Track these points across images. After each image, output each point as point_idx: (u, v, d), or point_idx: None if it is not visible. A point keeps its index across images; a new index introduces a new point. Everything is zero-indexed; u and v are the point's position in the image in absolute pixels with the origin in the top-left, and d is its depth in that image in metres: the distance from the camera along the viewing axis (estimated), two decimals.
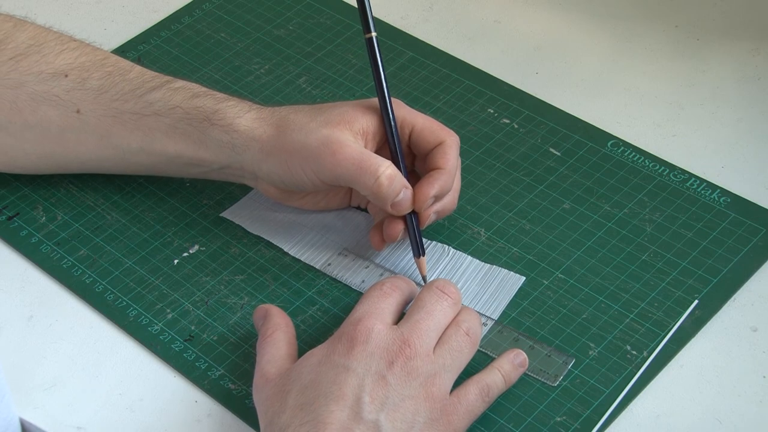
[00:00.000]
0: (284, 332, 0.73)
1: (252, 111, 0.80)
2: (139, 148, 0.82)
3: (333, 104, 0.80)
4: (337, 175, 0.76)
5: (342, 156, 0.76)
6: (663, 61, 0.96)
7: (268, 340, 0.73)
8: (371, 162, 0.76)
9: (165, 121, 0.80)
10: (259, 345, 0.73)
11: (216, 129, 0.79)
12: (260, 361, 0.72)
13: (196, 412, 0.74)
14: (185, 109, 0.80)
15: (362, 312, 0.70)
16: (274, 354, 0.72)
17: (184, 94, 0.81)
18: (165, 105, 0.81)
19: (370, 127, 0.78)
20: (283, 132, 0.78)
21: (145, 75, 0.83)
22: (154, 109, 0.81)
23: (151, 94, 0.81)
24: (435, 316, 0.71)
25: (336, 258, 0.81)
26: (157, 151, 0.81)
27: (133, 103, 0.81)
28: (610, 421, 0.71)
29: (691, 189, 0.84)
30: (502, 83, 0.94)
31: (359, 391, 0.66)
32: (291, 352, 0.72)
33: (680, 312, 0.76)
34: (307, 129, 0.77)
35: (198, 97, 0.81)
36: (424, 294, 0.72)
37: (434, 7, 1.03)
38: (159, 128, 0.81)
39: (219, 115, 0.80)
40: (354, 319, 0.70)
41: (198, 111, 0.80)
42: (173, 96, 0.81)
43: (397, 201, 0.76)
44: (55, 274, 0.82)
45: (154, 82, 0.82)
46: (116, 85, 0.82)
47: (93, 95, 0.82)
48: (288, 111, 0.80)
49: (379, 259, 0.81)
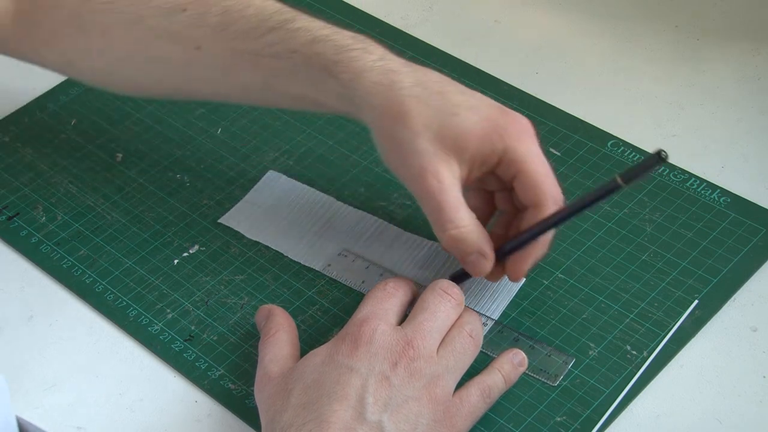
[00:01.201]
0: (287, 332, 0.73)
1: (375, 69, 0.74)
2: (260, 87, 0.79)
3: (468, 103, 0.73)
4: (421, 201, 0.73)
5: (428, 191, 0.72)
6: (663, 61, 0.96)
7: (271, 340, 0.73)
8: (448, 216, 0.72)
9: (284, 64, 0.76)
10: (262, 344, 0.73)
11: (335, 82, 0.75)
12: (263, 360, 0.72)
13: (196, 412, 0.74)
14: (304, 55, 0.75)
15: (366, 312, 0.70)
16: (276, 353, 0.72)
17: (303, 36, 0.76)
18: (284, 48, 0.76)
19: (481, 154, 0.72)
20: (395, 119, 0.72)
21: (264, 12, 0.78)
22: (272, 51, 0.77)
23: (270, 35, 0.77)
24: (438, 317, 0.71)
25: (336, 259, 0.81)
26: (280, 90, 0.79)
27: (253, 43, 0.77)
28: (610, 421, 0.71)
29: (691, 189, 0.84)
30: (502, 83, 0.94)
31: (362, 392, 0.66)
32: (294, 352, 0.72)
33: (680, 312, 0.76)
34: (416, 137, 0.72)
35: (318, 43, 0.75)
36: (427, 295, 0.72)
37: (434, 7, 1.03)
38: (279, 70, 0.77)
39: (338, 68, 0.74)
40: (358, 319, 0.70)
41: (317, 58, 0.75)
42: (292, 39, 0.76)
43: (469, 261, 0.73)
44: (55, 274, 0.82)
45: (273, 20, 0.77)
46: (235, 22, 0.78)
47: (212, 33, 0.79)
48: (412, 87, 0.73)
49: (380, 260, 0.81)
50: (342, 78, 0.74)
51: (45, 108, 0.96)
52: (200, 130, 0.93)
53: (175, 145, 0.92)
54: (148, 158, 0.91)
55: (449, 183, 0.72)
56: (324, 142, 0.91)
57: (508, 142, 0.72)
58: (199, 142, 0.92)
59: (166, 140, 0.92)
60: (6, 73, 0.99)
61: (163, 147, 0.92)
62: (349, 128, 0.91)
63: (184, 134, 0.93)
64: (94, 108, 0.95)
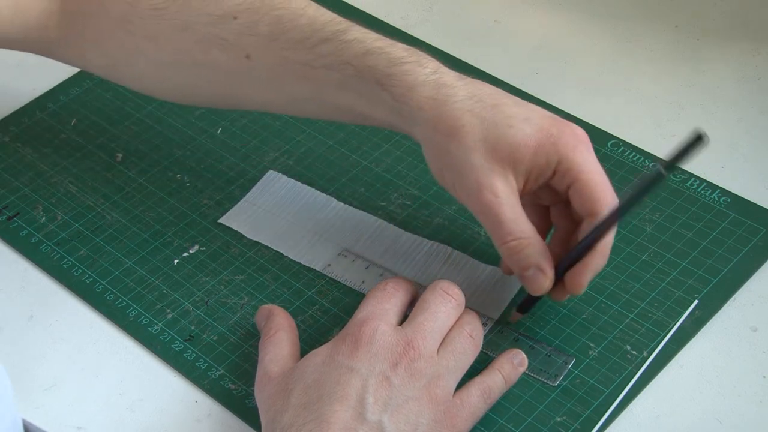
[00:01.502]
0: (287, 332, 0.73)
1: (428, 83, 0.73)
2: (309, 98, 0.78)
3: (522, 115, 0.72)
4: (474, 212, 0.73)
5: (486, 205, 0.71)
6: (663, 61, 0.96)
7: (271, 340, 0.73)
8: (508, 228, 0.71)
9: (335, 75, 0.75)
10: (262, 344, 0.73)
11: (386, 95, 0.74)
12: (263, 360, 0.72)
13: (196, 412, 0.74)
14: (356, 67, 0.74)
15: (366, 313, 0.70)
16: (277, 353, 0.72)
17: (356, 48, 0.75)
18: (336, 60, 0.75)
19: (537, 165, 0.71)
20: (448, 134, 0.72)
21: (317, 22, 0.77)
22: (324, 63, 0.76)
23: (322, 46, 0.76)
24: (439, 318, 0.70)
25: (336, 259, 0.81)
26: (328, 102, 0.78)
27: (304, 53, 0.76)
28: (610, 421, 0.71)
29: (691, 189, 0.84)
30: (502, 83, 0.94)
31: (363, 392, 0.66)
32: (294, 352, 0.72)
33: (680, 312, 0.76)
34: (470, 152, 0.71)
35: (371, 55, 0.74)
36: (428, 295, 0.72)
37: (434, 7, 1.03)
38: (330, 81, 0.76)
39: (392, 81, 0.73)
40: (358, 320, 0.70)
41: (369, 71, 0.74)
42: (345, 50, 0.75)
43: (526, 276, 0.72)
44: (55, 274, 0.82)
45: (326, 31, 0.76)
46: (286, 32, 0.77)
47: (263, 42, 0.78)
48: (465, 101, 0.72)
49: (380, 260, 0.81)
50: (394, 92, 0.73)
51: (45, 108, 0.96)
52: (200, 130, 0.93)
53: (175, 145, 0.92)
54: (148, 158, 0.91)
55: (506, 195, 0.71)
56: (324, 142, 0.91)
57: (562, 152, 0.71)
58: (199, 142, 0.92)
59: (166, 140, 0.92)
60: (6, 73, 0.99)
61: (163, 147, 0.92)
62: (349, 128, 0.91)
63: (184, 134, 0.93)
64: (94, 108, 0.95)
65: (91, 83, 0.97)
